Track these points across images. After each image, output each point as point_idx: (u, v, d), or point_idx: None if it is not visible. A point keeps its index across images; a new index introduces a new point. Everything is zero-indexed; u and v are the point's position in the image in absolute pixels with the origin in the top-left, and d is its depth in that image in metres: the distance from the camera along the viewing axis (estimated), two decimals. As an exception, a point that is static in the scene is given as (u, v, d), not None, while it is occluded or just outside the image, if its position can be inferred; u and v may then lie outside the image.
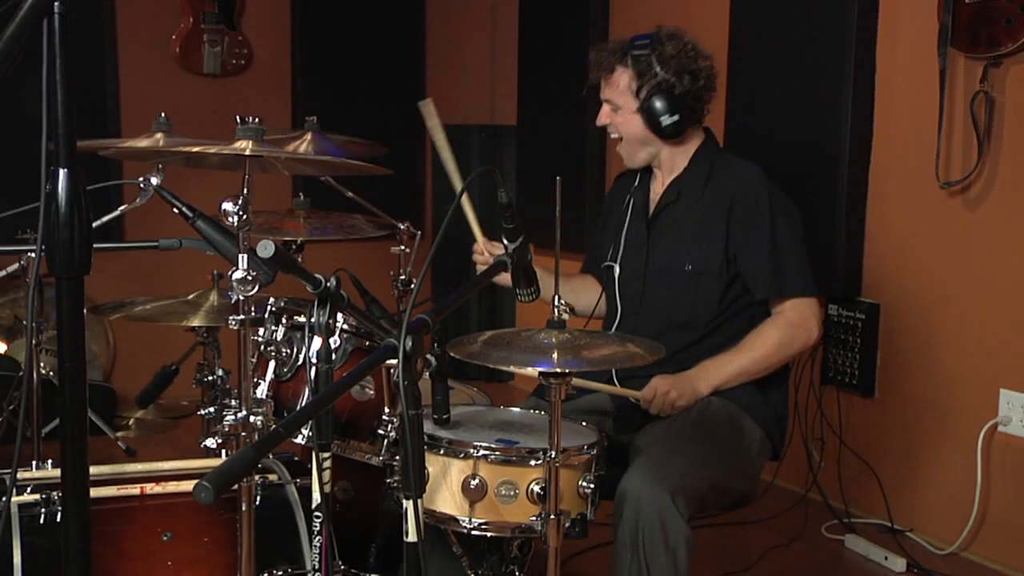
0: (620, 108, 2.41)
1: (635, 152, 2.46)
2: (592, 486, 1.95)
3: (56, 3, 1.20)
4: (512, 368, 1.87)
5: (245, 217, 1.74)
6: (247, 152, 1.83)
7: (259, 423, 1.85)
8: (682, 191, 2.43)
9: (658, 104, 2.35)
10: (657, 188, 2.50)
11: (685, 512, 2.01)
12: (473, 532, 1.92)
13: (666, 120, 2.36)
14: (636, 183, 2.54)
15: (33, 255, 2.67)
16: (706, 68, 2.39)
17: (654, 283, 2.43)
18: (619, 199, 2.60)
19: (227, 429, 1.84)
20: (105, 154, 2.17)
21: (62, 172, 1.23)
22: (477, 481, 1.88)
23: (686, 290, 2.38)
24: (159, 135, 2.62)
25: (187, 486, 2.09)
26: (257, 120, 1.89)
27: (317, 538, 1.79)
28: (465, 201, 2.39)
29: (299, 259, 2.66)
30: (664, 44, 2.36)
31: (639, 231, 2.48)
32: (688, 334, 2.37)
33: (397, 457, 2.05)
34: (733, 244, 2.34)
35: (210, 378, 2.73)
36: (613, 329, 2.46)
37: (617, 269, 2.50)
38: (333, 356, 1.71)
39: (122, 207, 2.49)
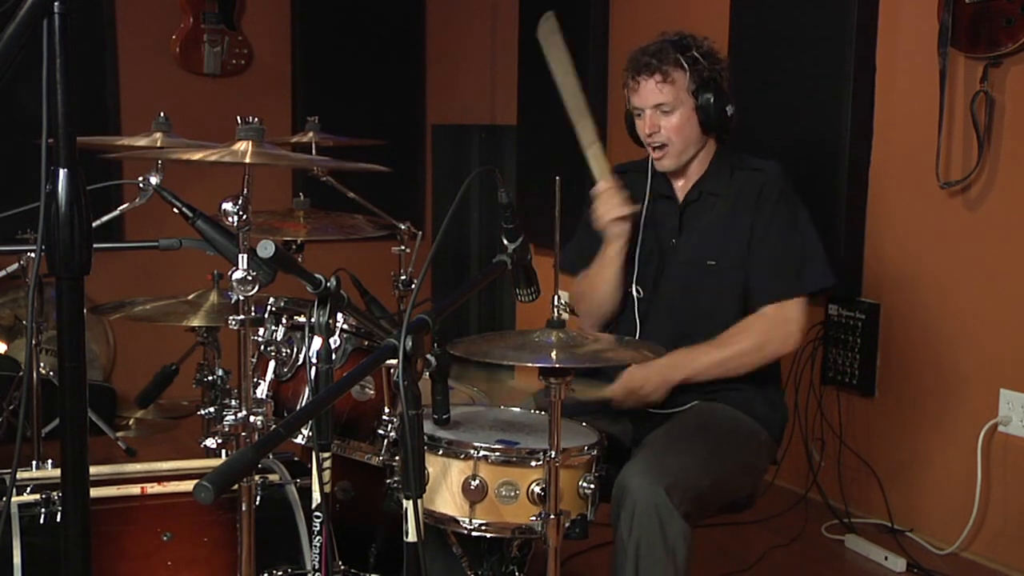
0: (676, 110, 2.33)
1: (684, 155, 2.38)
2: (592, 486, 1.95)
3: (56, 3, 1.19)
4: (511, 363, 1.86)
5: (245, 217, 1.73)
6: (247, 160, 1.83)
7: (259, 423, 1.85)
8: (703, 191, 2.40)
9: (716, 99, 2.33)
10: (680, 190, 2.44)
11: (681, 507, 1.99)
12: (473, 533, 1.92)
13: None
14: (649, 186, 2.45)
15: (33, 255, 2.67)
16: (728, 61, 2.40)
17: (685, 281, 2.38)
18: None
19: (227, 429, 1.84)
20: (103, 146, 2.16)
21: (62, 172, 1.23)
22: (477, 482, 1.88)
23: (710, 286, 2.35)
24: (158, 135, 2.63)
25: (187, 486, 2.08)
26: (257, 120, 1.89)
27: (317, 538, 1.79)
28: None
29: (299, 259, 2.66)
30: (702, 41, 2.37)
31: (665, 233, 2.43)
32: (712, 331, 2.34)
33: (397, 457, 2.05)
34: (753, 237, 2.33)
35: (210, 378, 2.73)
36: (637, 337, 2.40)
37: (636, 290, 2.43)
38: (333, 356, 1.71)
39: (122, 207, 2.49)
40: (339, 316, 2.01)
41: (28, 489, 2.07)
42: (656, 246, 2.43)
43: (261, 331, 2.13)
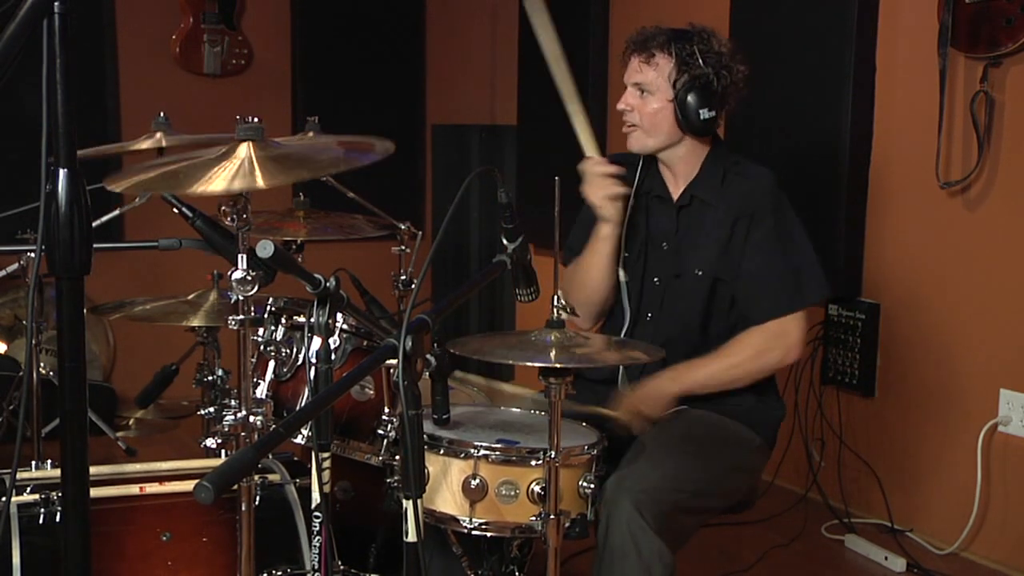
0: (652, 94, 2.31)
1: (651, 140, 2.35)
2: (592, 486, 1.95)
3: (56, 3, 1.20)
4: (512, 362, 1.86)
5: (245, 217, 1.73)
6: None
7: (259, 423, 1.85)
8: (695, 196, 2.36)
9: (695, 98, 2.27)
10: (672, 188, 2.41)
11: (654, 524, 1.96)
12: (473, 532, 1.92)
13: (704, 115, 2.28)
14: (637, 179, 2.42)
15: (33, 255, 2.67)
16: (743, 71, 2.34)
17: (672, 287, 2.36)
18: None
19: (227, 429, 1.84)
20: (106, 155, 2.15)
21: (62, 172, 1.23)
22: (477, 481, 1.88)
23: (699, 296, 2.32)
24: (159, 135, 2.63)
25: (187, 486, 2.08)
26: (257, 120, 1.88)
27: (317, 538, 1.79)
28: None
29: (299, 259, 2.66)
30: (710, 40, 2.32)
31: (657, 234, 2.40)
32: (700, 340, 2.32)
33: (397, 457, 2.05)
34: (742, 255, 2.30)
35: (210, 378, 2.73)
36: (623, 335, 2.38)
37: (623, 274, 2.41)
38: (333, 356, 1.71)
39: (122, 207, 2.49)
40: (339, 316, 2.01)
41: (28, 489, 2.07)
42: (645, 242, 2.40)
43: (261, 331, 2.13)
